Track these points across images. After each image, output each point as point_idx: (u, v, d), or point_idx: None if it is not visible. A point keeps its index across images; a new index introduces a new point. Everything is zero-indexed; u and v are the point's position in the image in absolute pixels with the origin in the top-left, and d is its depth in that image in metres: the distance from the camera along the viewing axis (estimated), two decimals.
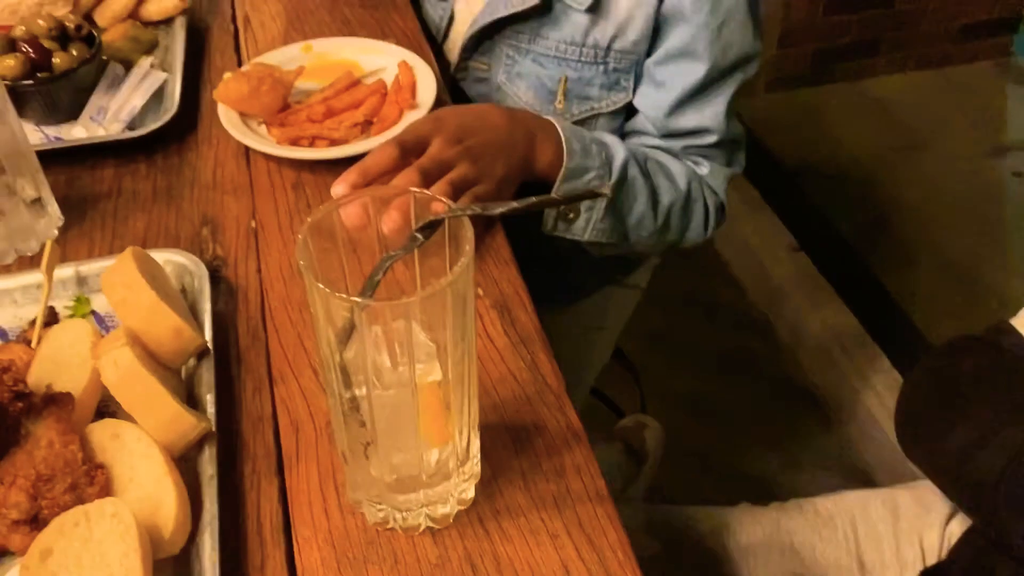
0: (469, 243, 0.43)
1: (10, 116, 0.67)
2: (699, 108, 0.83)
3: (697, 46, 0.79)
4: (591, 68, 0.84)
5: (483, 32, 0.86)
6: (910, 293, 1.89)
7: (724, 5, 0.78)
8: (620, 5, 0.80)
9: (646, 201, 0.81)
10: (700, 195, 0.86)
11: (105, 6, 0.89)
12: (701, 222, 0.88)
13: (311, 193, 0.75)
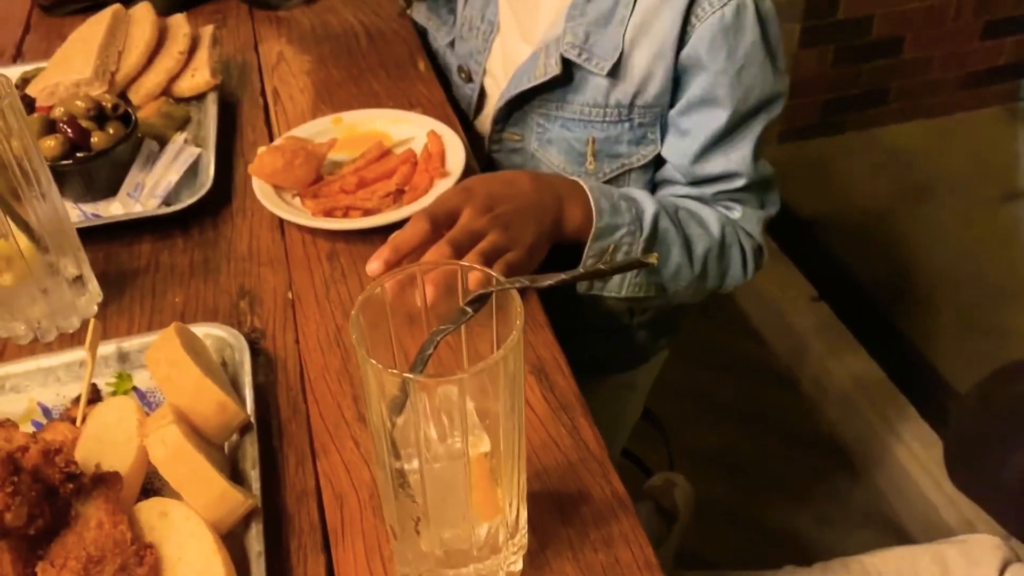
0: (519, 317, 0.43)
1: (54, 196, 0.68)
2: (725, 153, 0.83)
3: (717, 92, 0.80)
4: (617, 126, 0.85)
5: (511, 104, 0.88)
6: (933, 340, 1.88)
7: (741, 50, 0.79)
8: (638, 64, 0.81)
9: (680, 251, 0.81)
10: (735, 239, 0.86)
11: (139, 84, 0.91)
12: (740, 266, 0.87)
13: (346, 263, 0.76)
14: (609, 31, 0.81)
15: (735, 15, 0.77)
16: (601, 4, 0.81)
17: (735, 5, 0.77)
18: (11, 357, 0.69)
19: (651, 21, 0.80)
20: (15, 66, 0.99)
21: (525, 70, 0.86)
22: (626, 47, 0.80)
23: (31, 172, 0.66)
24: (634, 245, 0.78)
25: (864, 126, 2.47)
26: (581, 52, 0.82)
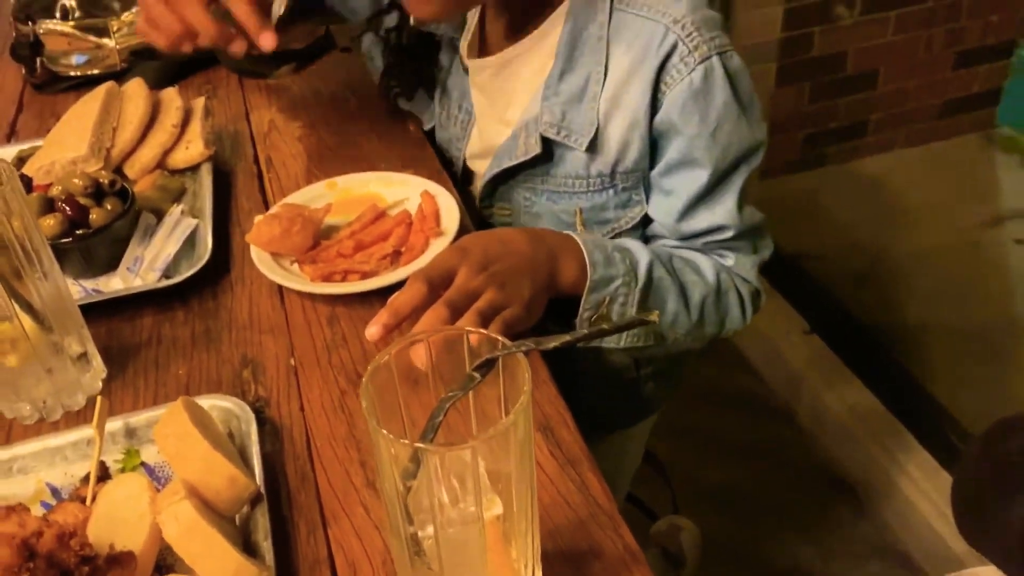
0: (527, 381, 0.44)
1: (56, 275, 0.69)
2: (710, 208, 0.84)
3: (695, 155, 0.81)
4: (602, 194, 0.86)
5: (495, 181, 0.90)
6: (927, 368, 1.89)
7: (713, 112, 0.79)
8: (614, 135, 0.82)
9: (677, 299, 0.82)
10: (731, 285, 0.86)
11: (134, 159, 0.92)
12: (738, 310, 0.87)
13: (347, 327, 0.76)
14: (583, 107, 0.82)
15: (703, 79, 0.78)
16: (573, 83, 0.82)
17: (702, 69, 0.78)
18: (17, 438, 0.69)
19: (622, 94, 0.81)
20: (10, 145, 1.00)
21: (506, 150, 0.87)
22: (601, 121, 0.82)
23: (33, 252, 0.67)
24: (629, 296, 0.79)
25: (845, 159, 2.51)
26: (559, 130, 0.83)
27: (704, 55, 0.77)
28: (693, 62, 0.77)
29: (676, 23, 0.78)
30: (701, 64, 0.78)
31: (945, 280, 2.17)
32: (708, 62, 0.78)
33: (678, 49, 0.78)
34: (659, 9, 0.79)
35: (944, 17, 2.35)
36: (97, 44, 1.11)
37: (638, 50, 0.79)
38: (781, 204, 2.40)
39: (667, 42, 0.78)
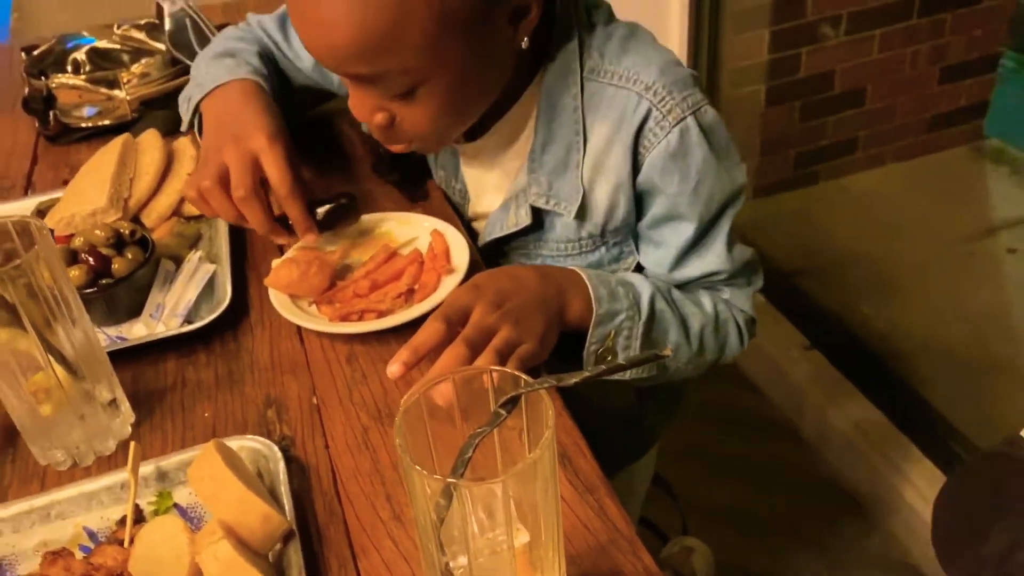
0: (550, 417, 0.47)
1: (85, 324, 0.72)
2: (700, 256, 0.87)
3: (680, 210, 0.84)
4: (595, 253, 0.90)
5: (488, 249, 0.93)
6: (928, 379, 1.91)
7: (693, 169, 0.82)
8: (600, 199, 0.86)
9: (678, 330, 0.85)
10: (729, 314, 0.90)
11: (151, 208, 0.95)
12: (736, 338, 0.91)
13: (365, 365, 0.79)
14: (568, 176, 0.85)
15: (679, 140, 0.81)
16: (556, 153, 0.85)
17: (677, 131, 0.80)
18: (51, 483, 0.71)
19: (603, 160, 0.84)
20: (28, 198, 1.03)
21: (497, 219, 0.91)
22: (586, 187, 0.85)
23: (63, 302, 0.69)
24: (634, 329, 0.82)
25: (836, 175, 2.55)
26: (548, 199, 0.86)
27: (678, 117, 0.80)
28: (668, 125, 0.80)
29: (648, 90, 0.80)
30: (675, 127, 0.80)
31: (941, 291, 2.20)
32: (682, 123, 0.80)
33: (652, 115, 0.81)
34: (629, 77, 0.81)
35: (928, 34, 2.40)
36: (108, 96, 1.14)
37: (614, 118, 0.82)
38: (775, 222, 2.45)
39: (641, 109, 0.81)
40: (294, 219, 0.85)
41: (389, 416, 0.74)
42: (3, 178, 1.13)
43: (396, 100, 0.75)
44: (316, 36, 0.71)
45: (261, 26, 1.05)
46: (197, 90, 0.94)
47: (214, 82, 0.92)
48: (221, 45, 1.00)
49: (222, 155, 0.84)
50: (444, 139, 0.86)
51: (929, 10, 2.35)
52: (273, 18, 1.05)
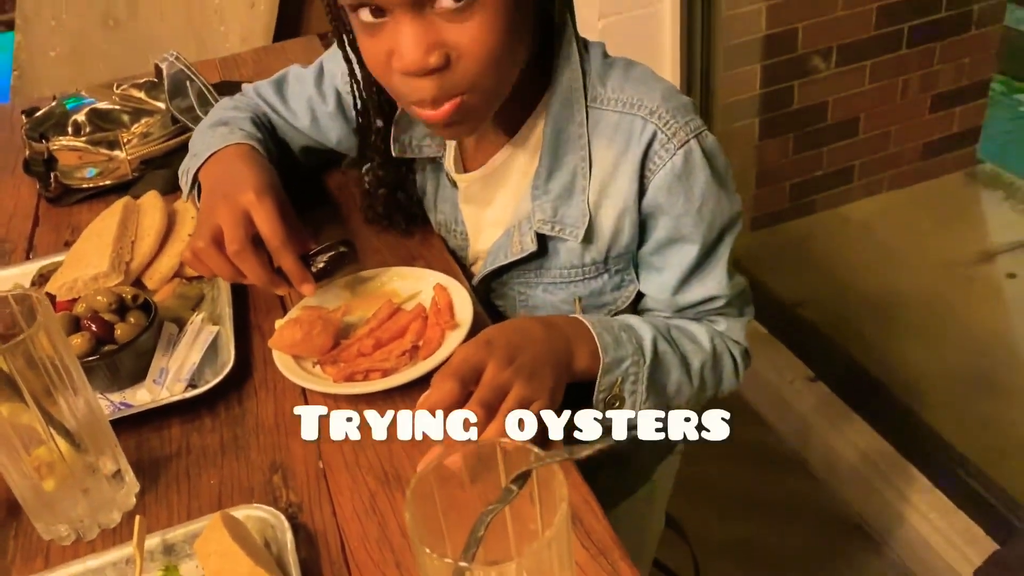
0: (564, 493, 0.46)
1: (88, 394, 0.71)
2: (702, 281, 0.88)
3: (684, 231, 0.85)
4: (597, 280, 0.90)
5: (488, 280, 0.93)
6: (934, 407, 1.91)
7: (696, 190, 0.84)
8: (605, 223, 0.86)
9: (679, 369, 0.86)
10: (725, 349, 0.91)
11: (153, 270, 0.95)
12: (732, 372, 0.92)
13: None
14: (574, 202, 0.85)
15: (684, 162, 0.82)
16: (561, 180, 0.85)
17: (682, 153, 0.82)
18: (55, 559, 0.70)
19: (609, 184, 0.85)
20: (30, 262, 1.03)
21: (500, 247, 0.91)
22: (592, 212, 0.85)
23: (65, 372, 0.69)
24: (639, 374, 0.82)
25: (833, 205, 2.56)
26: (553, 225, 0.86)
27: (682, 140, 0.82)
28: (673, 148, 0.82)
29: (652, 114, 0.82)
30: (680, 149, 0.82)
31: (943, 318, 2.20)
32: (686, 146, 0.82)
33: (657, 137, 0.82)
34: (633, 103, 0.83)
35: (918, 63, 2.42)
36: (109, 156, 1.15)
37: (620, 143, 0.83)
38: (774, 253, 2.46)
39: (647, 132, 0.82)
40: (288, 271, 0.85)
41: (396, 480, 0.73)
42: (5, 241, 1.13)
43: (452, 21, 0.72)
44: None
45: (257, 92, 1.07)
46: (194, 161, 0.96)
47: (208, 150, 0.94)
48: (216, 115, 1.03)
49: (215, 215, 0.85)
50: (493, 92, 0.79)
51: (918, 40, 2.38)
52: (269, 83, 1.07)
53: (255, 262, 0.84)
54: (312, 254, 0.88)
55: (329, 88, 1.02)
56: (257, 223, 0.84)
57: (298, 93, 1.05)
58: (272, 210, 0.85)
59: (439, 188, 0.98)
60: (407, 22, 0.71)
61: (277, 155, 1.02)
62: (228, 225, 0.84)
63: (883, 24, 2.34)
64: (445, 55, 0.73)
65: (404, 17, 0.71)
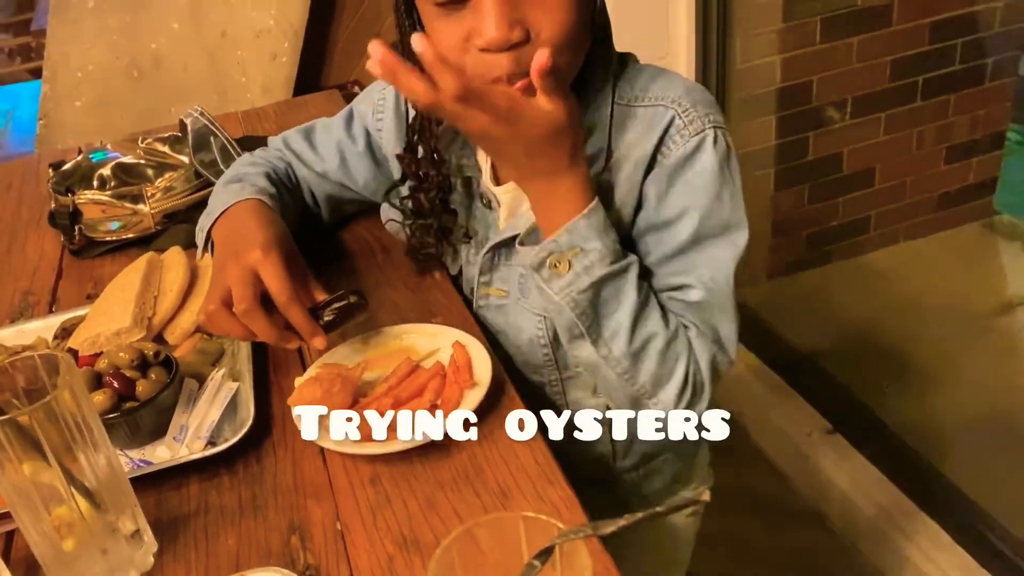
0: (588, 567, 0.46)
1: (110, 454, 0.71)
2: (683, 266, 0.86)
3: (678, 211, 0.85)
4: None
5: (496, 253, 0.94)
6: (954, 461, 1.88)
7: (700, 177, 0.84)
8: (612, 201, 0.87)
9: (629, 313, 0.81)
10: (685, 354, 0.84)
11: (175, 325, 0.96)
12: (677, 385, 0.83)
13: (389, 487, 0.78)
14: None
15: (696, 147, 0.84)
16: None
17: (697, 139, 0.84)
18: None
19: (622, 164, 0.86)
20: (53, 315, 1.04)
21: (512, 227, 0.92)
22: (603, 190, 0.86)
23: (87, 430, 0.69)
24: (597, 266, 0.80)
25: (849, 255, 2.56)
26: None
27: (699, 128, 0.84)
28: (689, 134, 0.84)
29: (674, 102, 0.85)
30: (696, 136, 0.84)
31: (963, 370, 2.18)
32: (703, 134, 0.84)
33: (675, 123, 0.84)
34: (657, 97, 0.86)
35: (933, 115, 2.43)
36: (133, 210, 1.17)
37: (640, 130, 0.86)
38: (791, 303, 2.45)
39: (666, 118, 0.85)
40: (298, 326, 0.86)
41: (415, 544, 0.73)
42: (29, 293, 1.14)
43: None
44: None
45: (285, 141, 1.10)
46: (207, 219, 0.98)
47: (222, 207, 0.96)
48: (232, 172, 1.05)
49: (224, 276, 0.87)
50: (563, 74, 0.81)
51: (933, 92, 2.39)
52: (297, 131, 1.10)
53: (264, 321, 0.85)
54: (321, 306, 0.89)
55: (359, 129, 1.06)
56: (264, 280, 0.86)
57: (326, 139, 1.08)
58: (278, 266, 0.86)
59: (472, 212, 0.99)
60: (496, 3, 0.75)
61: (293, 207, 1.04)
62: (236, 285, 0.85)
63: (897, 76, 2.36)
64: (526, 30, 0.77)
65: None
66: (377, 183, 1.07)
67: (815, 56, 2.26)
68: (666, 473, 1.12)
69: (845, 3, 2.25)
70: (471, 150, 0.96)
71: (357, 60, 2.38)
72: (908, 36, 2.31)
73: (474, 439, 0.81)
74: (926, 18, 2.31)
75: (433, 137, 0.94)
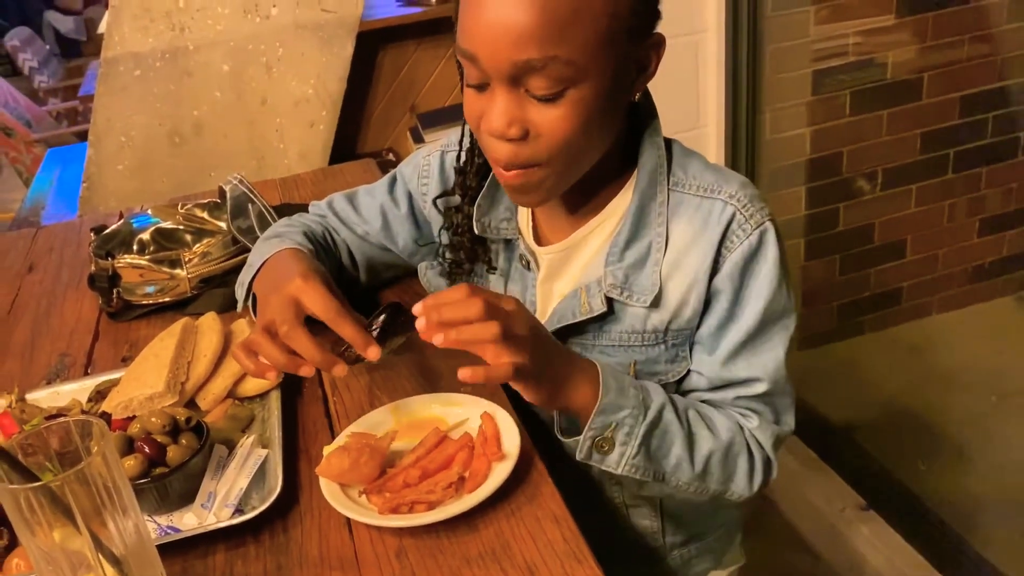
0: None
1: (139, 520, 0.71)
2: (748, 359, 0.90)
3: (744, 310, 0.88)
4: (655, 348, 0.92)
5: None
6: (992, 542, 1.83)
7: (764, 270, 0.88)
8: (673, 294, 0.90)
9: (682, 445, 0.86)
10: (744, 448, 0.90)
11: (207, 390, 0.97)
12: (746, 475, 0.91)
13: (415, 561, 0.77)
14: (646, 271, 0.90)
15: (760, 240, 0.87)
16: (636, 251, 0.90)
17: (758, 233, 0.87)
18: None
19: (683, 259, 0.89)
20: (88, 378, 1.06)
21: (568, 308, 0.93)
22: (663, 282, 0.89)
23: (116, 496, 0.69)
24: (635, 428, 0.84)
25: (881, 326, 2.53)
26: (623, 291, 0.90)
27: (758, 222, 0.87)
28: (750, 228, 0.87)
29: (732, 197, 0.88)
30: (757, 229, 0.87)
31: (997, 447, 2.13)
32: (762, 227, 0.87)
33: (736, 218, 0.87)
34: (713, 188, 0.89)
35: (964, 188, 2.43)
36: (170, 275, 1.19)
37: (699, 223, 0.89)
38: (823, 374, 2.42)
39: (726, 213, 0.88)
40: (351, 339, 0.86)
41: None
42: (65, 355, 1.16)
43: (540, 104, 0.79)
44: (504, 22, 0.76)
45: (329, 204, 1.13)
46: (248, 272, 1.02)
47: (262, 259, 0.99)
48: (270, 231, 1.09)
49: (266, 310, 0.89)
50: (561, 174, 0.86)
51: (964, 165, 2.39)
52: (341, 194, 1.14)
53: (307, 340, 0.85)
54: (366, 325, 0.89)
55: (402, 192, 1.09)
56: (308, 306, 0.87)
57: (370, 202, 1.11)
58: (320, 288, 0.88)
59: (510, 274, 1.01)
60: (501, 93, 0.80)
61: (328, 264, 1.06)
62: (279, 312, 0.87)
63: (928, 149, 2.36)
64: (525, 130, 0.81)
65: (500, 88, 0.80)
66: (416, 247, 1.10)
67: (845, 128, 2.27)
68: (717, 553, 1.10)
69: (874, 77, 2.27)
70: (512, 212, 0.98)
71: (392, 129, 2.43)
72: (938, 109, 2.33)
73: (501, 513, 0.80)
74: (956, 92, 2.33)
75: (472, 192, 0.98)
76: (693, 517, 1.06)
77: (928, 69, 2.28)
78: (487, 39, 0.77)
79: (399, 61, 2.37)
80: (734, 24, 1.96)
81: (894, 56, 2.27)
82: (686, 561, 1.08)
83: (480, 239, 1.00)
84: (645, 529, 1.04)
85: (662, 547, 1.06)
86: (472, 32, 0.78)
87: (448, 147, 1.05)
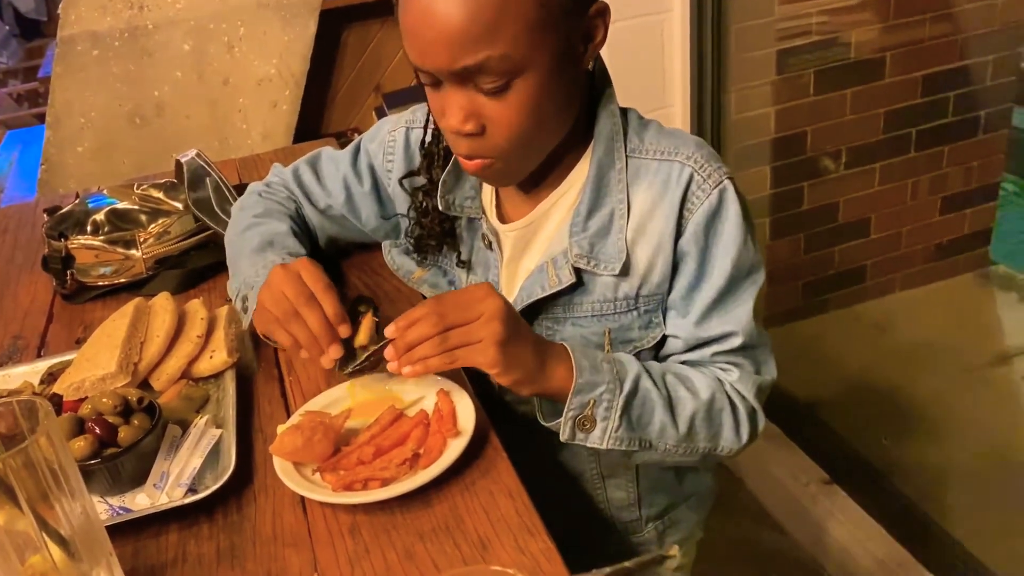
0: None
1: (87, 503, 0.71)
2: (721, 316, 0.90)
3: (712, 269, 0.89)
4: (627, 315, 0.93)
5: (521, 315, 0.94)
6: (952, 513, 1.86)
7: (727, 227, 0.88)
8: (640, 259, 0.90)
9: (664, 411, 0.87)
10: (727, 402, 0.91)
11: (160, 371, 0.96)
12: (732, 428, 0.91)
13: (368, 537, 0.77)
14: (611, 239, 0.90)
15: (719, 199, 0.88)
16: (599, 220, 0.90)
17: (717, 192, 0.88)
18: None
19: (646, 223, 0.90)
20: (41, 360, 1.04)
21: (536, 282, 0.93)
22: (629, 248, 0.90)
23: (63, 478, 0.69)
24: (614, 401, 0.85)
25: (846, 304, 2.56)
26: (590, 260, 0.91)
27: (716, 181, 0.88)
28: (709, 188, 0.88)
29: (689, 159, 0.89)
30: (716, 188, 0.88)
31: (960, 421, 2.17)
32: (720, 186, 0.88)
33: (694, 179, 0.88)
34: (670, 152, 0.90)
35: (927, 166, 2.45)
36: (125, 255, 1.17)
37: (659, 187, 0.89)
38: (788, 352, 2.42)
39: (684, 175, 0.89)
40: (329, 312, 0.87)
41: None
42: (19, 337, 1.14)
43: (490, 98, 0.81)
44: (431, 33, 0.78)
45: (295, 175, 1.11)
46: (248, 288, 0.98)
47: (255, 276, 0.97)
48: (256, 233, 1.04)
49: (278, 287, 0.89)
50: (523, 159, 0.88)
51: (927, 144, 2.42)
52: (305, 163, 1.12)
53: (319, 313, 0.87)
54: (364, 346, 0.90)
55: (365, 168, 1.08)
56: (305, 279, 0.88)
57: (333, 173, 1.10)
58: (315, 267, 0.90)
59: (474, 250, 1.01)
60: (452, 91, 0.82)
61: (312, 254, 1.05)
62: (290, 289, 0.87)
63: (891, 128, 2.38)
64: (480, 124, 0.83)
65: (451, 86, 0.82)
66: (379, 223, 1.10)
67: (809, 108, 2.29)
68: (690, 522, 1.12)
69: (838, 57, 2.28)
70: (476, 191, 0.98)
71: (357, 109, 2.41)
72: (901, 88, 2.35)
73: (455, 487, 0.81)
74: (918, 71, 2.35)
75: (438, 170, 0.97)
76: (666, 485, 1.07)
77: (891, 48, 2.30)
78: (423, 50, 0.79)
79: (364, 40, 2.35)
80: (699, 3, 1.96)
81: (857, 35, 2.29)
82: (660, 533, 1.09)
83: (446, 219, 1.00)
84: (621, 502, 1.05)
85: (638, 520, 1.07)
86: (410, 43, 0.81)
87: (413, 124, 1.04)
